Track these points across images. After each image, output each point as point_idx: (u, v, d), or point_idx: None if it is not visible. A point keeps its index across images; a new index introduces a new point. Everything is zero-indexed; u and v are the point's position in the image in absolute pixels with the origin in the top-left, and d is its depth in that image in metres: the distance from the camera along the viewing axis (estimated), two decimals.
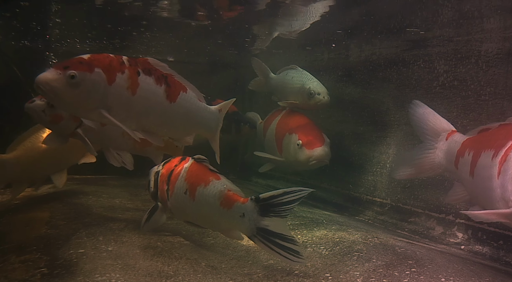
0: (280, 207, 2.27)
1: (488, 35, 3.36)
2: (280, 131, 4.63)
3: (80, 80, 2.35)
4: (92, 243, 2.75)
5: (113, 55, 2.55)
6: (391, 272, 2.41)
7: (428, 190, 3.75)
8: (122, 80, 2.50)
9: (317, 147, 4.12)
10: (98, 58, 2.47)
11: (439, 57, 3.75)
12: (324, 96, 4.44)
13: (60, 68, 2.34)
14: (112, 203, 4.03)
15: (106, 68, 2.45)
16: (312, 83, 4.52)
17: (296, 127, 4.40)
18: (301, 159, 4.19)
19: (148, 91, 2.62)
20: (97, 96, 2.43)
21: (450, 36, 3.67)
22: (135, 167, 3.48)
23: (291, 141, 4.33)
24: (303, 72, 4.71)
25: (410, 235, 3.66)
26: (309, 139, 4.19)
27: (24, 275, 2.24)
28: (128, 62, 2.57)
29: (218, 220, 2.56)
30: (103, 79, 2.43)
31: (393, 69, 4.22)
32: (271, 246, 2.30)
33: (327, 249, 2.86)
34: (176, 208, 2.82)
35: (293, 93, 4.71)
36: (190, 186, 2.66)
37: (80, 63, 2.39)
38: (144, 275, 2.30)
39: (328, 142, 4.20)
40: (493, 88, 3.32)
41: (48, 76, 2.30)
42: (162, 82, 2.70)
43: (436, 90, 3.75)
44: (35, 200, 4.07)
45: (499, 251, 3.11)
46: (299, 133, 4.29)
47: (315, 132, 4.30)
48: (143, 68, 2.62)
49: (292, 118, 4.64)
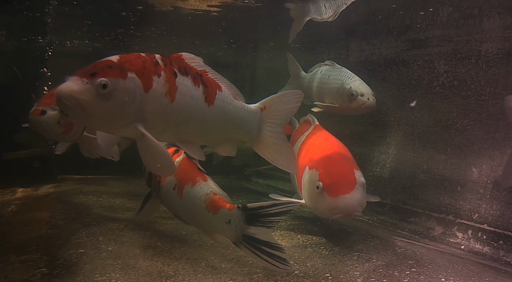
0: (267, 218, 2.25)
1: (488, 35, 3.36)
2: (301, 160, 3.24)
3: (113, 89, 1.94)
4: (92, 243, 2.75)
5: (144, 54, 2.17)
6: (391, 272, 2.41)
7: (428, 190, 3.75)
8: (160, 85, 2.11)
9: (344, 193, 2.73)
10: (129, 60, 2.06)
11: (439, 57, 3.76)
12: (369, 98, 3.70)
13: (86, 76, 1.91)
14: (112, 203, 4.03)
15: (141, 72, 2.05)
16: (353, 82, 3.79)
17: (319, 159, 3.02)
18: (322, 208, 2.83)
19: (187, 95, 2.23)
20: (132, 107, 2.03)
21: (450, 36, 3.67)
22: (135, 166, 3.47)
23: (311, 178, 2.94)
24: (341, 70, 3.99)
25: (410, 235, 3.66)
26: (333, 182, 2.79)
27: (24, 275, 2.24)
28: (163, 61, 2.18)
29: (203, 222, 2.52)
30: (139, 86, 2.03)
31: (393, 69, 4.22)
32: (258, 252, 2.26)
33: (327, 249, 2.86)
34: (166, 201, 2.79)
35: (330, 95, 3.98)
36: (179, 183, 2.61)
37: (110, 67, 1.97)
38: (144, 275, 2.30)
39: (362, 184, 2.82)
40: (493, 88, 3.32)
41: (73, 87, 1.88)
42: (200, 82, 2.31)
43: (436, 90, 3.76)
44: (35, 200, 4.07)
45: (499, 251, 3.11)
46: (321, 169, 2.90)
47: (344, 168, 2.91)
48: (179, 68, 2.24)
49: (316, 142, 3.34)
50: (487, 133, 3.32)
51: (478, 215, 3.32)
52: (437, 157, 3.71)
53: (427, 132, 3.82)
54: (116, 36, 6.02)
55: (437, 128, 3.73)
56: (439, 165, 3.69)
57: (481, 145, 3.36)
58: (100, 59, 2.03)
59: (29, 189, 4.38)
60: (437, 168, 3.71)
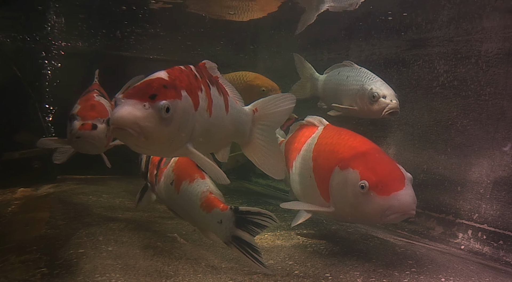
0: (251, 226, 2.30)
1: (488, 35, 3.36)
2: (324, 162, 2.85)
3: (173, 112, 1.77)
4: (92, 243, 2.75)
5: (183, 66, 2.00)
6: (391, 272, 2.41)
7: (428, 190, 3.75)
8: (203, 101, 1.96)
9: (397, 190, 2.40)
10: (178, 76, 1.90)
11: (439, 57, 3.76)
12: (392, 100, 3.43)
13: (145, 99, 1.73)
14: (112, 203, 4.03)
15: (190, 89, 1.89)
16: (374, 83, 3.53)
17: (353, 157, 2.65)
18: (370, 211, 2.45)
19: (217, 107, 2.11)
20: (188, 128, 1.89)
21: (450, 36, 3.67)
22: (136, 166, 3.47)
23: (348, 179, 2.55)
24: (361, 70, 3.75)
25: (410, 235, 3.66)
26: (381, 178, 2.45)
27: (24, 275, 2.24)
28: (198, 73, 2.02)
29: (197, 219, 2.57)
30: (191, 105, 1.88)
31: (393, 69, 4.22)
32: (245, 253, 2.32)
33: (327, 249, 2.86)
34: (162, 195, 2.83)
35: (349, 97, 3.69)
36: (177, 178, 2.65)
37: (165, 87, 1.80)
38: (144, 275, 2.30)
39: (410, 179, 2.52)
40: (493, 88, 3.32)
41: (136, 113, 1.69)
42: (221, 91, 2.21)
43: (436, 90, 3.76)
44: (35, 200, 4.07)
45: (499, 251, 3.11)
46: (360, 167, 2.53)
47: (388, 163, 2.59)
48: (208, 78, 2.10)
49: (339, 140, 2.88)
50: (487, 133, 3.32)
51: (478, 215, 3.32)
52: (437, 157, 3.71)
53: (427, 132, 3.82)
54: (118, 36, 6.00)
55: (437, 128, 3.73)
56: (439, 165, 3.69)
57: (481, 145, 3.36)
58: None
59: (29, 189, 4.38)
60: (437, 168, 3.71)
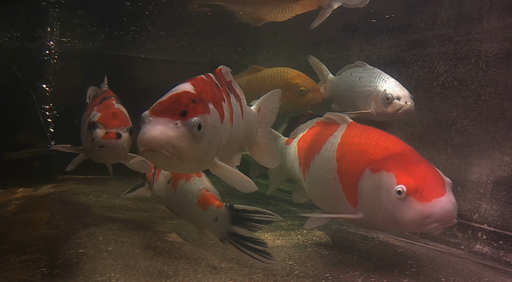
0: (250, 222, 2.28)
1: (488, 35, 3.36)
2: (351, 164, 2.55)
3: (204, 128, 1.67)
4: (92, 243, 2.75)
5: (204, 76, 1.88)
6: (391, 272, 2.41)
7: None
8: (227, 112, 1.85)
9: (439, 196, 2.16)
10: (203, 89, 1.79)
11: (439, 57, 3.76)
12: (407, 101, 3.34)
13: (176, 116, 1.62)
14: (112, 203, 4.03)
15: (215, 101, 1.78)
16: (388, 84, 3.44)
17: (387, 159, 2.37)
18: (407, 218, 2.19)
19: (237, 115, 2.01)
20: (217, 143, 1.79)
21: (450, 36, 3.67)
22: None
23: (381, 183, 2.28)
24: (374, 71, 3.64)
25: (410, 235, 3.66)
26: (420, 183, 2.21)
27: (24, 275, 2.24)
28: (218, 81, 1.91)
29: (193, 217, 2.59)
30: (218, 118, 1.77)
31: (393, 69, 4.22)
32: (242, 248, 2.27)
33: (327, 249, 2.86)
34: (160, 193, 2.87)
35: (362, 100, 3.59)
36: (174, 177, 2.68)
37: (194, 102, 1.69)
38: (144, 275, 2.30)
39: (450, 184, 2.31)
40: (493, 88, 3.32)
41: (169, 133, 1.59)
42: (237, 97, 2.11)
43: (436, 90, 3.76)
44: (35, 200, 4.07)
45: (499, 251, 3.11)
46: (396, 170, 2.27)
47: (427, 166, 2.36)
48: (226, 85, 2.00)
49: (370, 138, 2.57)
50: (487, 133, 3.32)
51: (478, 215, 3.32)
52: (437, 157, 3.70)
53: (427, 132, 3.82)
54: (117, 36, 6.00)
55: (437, 128, 3.73)
56: (439, 165, 3.68)
57: (481, 145, 3.36)
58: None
59: (29, 189, 4.38)
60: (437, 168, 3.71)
